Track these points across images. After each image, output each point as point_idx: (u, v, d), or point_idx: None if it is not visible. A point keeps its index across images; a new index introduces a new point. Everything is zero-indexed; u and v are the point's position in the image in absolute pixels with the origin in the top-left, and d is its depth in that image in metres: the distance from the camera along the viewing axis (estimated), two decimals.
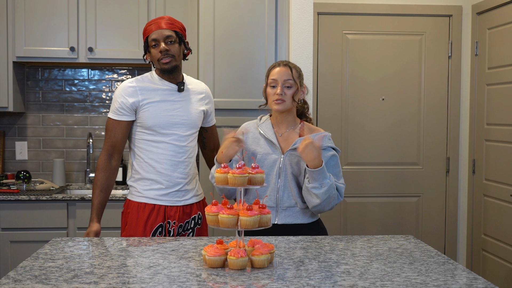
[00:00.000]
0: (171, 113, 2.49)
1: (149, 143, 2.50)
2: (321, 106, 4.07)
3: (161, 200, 2.51)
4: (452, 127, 4.14)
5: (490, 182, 3.83)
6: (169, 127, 2.48)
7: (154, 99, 2.48)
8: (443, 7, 4.09)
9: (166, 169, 2.50)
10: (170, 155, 2.50)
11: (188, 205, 2.57)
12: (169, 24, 2.46)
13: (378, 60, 4.10)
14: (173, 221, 2.52)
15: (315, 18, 3.98)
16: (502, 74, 3.69)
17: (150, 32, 2.45)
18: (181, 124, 2.51)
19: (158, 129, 2.48)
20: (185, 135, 2.53)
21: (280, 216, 2.38)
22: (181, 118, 2.51)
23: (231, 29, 3.41)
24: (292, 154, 2.38)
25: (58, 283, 1.64)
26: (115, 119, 2.49)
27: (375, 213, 4.15)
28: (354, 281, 1.69)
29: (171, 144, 2.50)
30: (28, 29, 3.64)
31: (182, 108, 2.52)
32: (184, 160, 2.53)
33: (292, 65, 2.42)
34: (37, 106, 4.02)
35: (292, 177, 2.37)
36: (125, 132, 2.51)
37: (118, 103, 2.48)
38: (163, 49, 2.42)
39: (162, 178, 2.50)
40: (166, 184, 2.51)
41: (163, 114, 2.47)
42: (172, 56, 2.45)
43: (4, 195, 3.43)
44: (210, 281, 1.69)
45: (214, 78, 3.41)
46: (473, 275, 1.77)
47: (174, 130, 2.50)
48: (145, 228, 2.49)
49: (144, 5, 3.68)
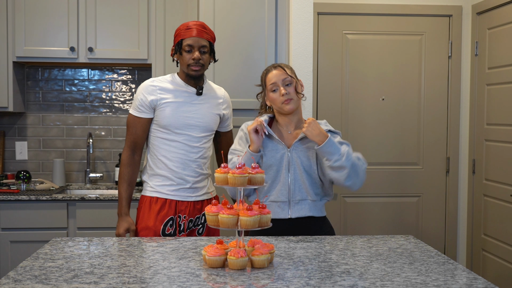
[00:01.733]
0: (187, 114, 2.58)
1: (163, 141, 2.59)
2: (321, 106, 4.07)
3: (172, 195, 2.60)
4: (452, 127, 4.14)
5: (490, 182, 3.83)
6: (183, 128, 2.57)
7: (172, 100, 2.57)
8: (443, 7, 4.10)
9: (177, 167, 2.58)
10: (182, 154, 2.59)
11: (199, 201, 2.65)
12: (206, 33, 2.57)
13: (378, 60, 4.10)
14: (183, 215, 2.60)
15: (315, 18, 3.98)
16: (502, 74, 3.69)
17: (187, 36, 2.54)
18: (196, 126, 2.59)
19: (172, 128, 2.57)
20: (199, 137, 2.61)
21: (293, 210, 2.40)
22: (196, 120, 2.59)
23: (231, 29, 3.41)
24: (298, 147, 2.41)
25: (58, 283, 1.65)
26: (135, 116, 2.61)
27: (375, 213, 4.15)
28: (354, 281, 1.69)
29: (183, 143, 2.58)
30: (28, 29, 3.64)
31: (199, 111, 2.60)
32: (196, 159, 2.61)
33: (283, 65, 2.48)
34: (37, 106, 4.02)
35: (302, 170, 2.40)
36: (145, 129, 2.61)
37: (138, 100, 2.59)
38: (197, 57, 2.52)
39: (173, 175, 2.59)
40: (177, 181, 2.59)
41: (179, 114, 2.56)
42: (202, 65, 2.56)
43: (4, 195, 3.43)
44: (210, 281, 1.69)
45: (214, 78, 3.41)
46: (473, 275, 1.77)
47: (188, 131, 2.58)
48: (156, 219, 2.56)
49: (144, 5, 3.68)
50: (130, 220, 2.59)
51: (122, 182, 2.61)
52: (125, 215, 2.59)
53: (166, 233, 2.57)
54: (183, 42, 2.54)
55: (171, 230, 2.58)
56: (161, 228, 2.56)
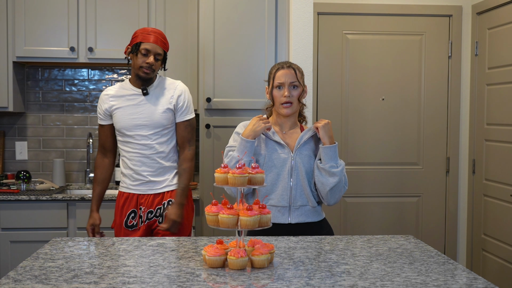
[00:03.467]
0: (134, 116, 2.77)
1: (122, 143, 2.84)
2: (321, 106, 4.07)
3: (134, 190, 2.82)
4: (452, 127, 4.14)
5: (490, 182, 3.83)
6: (132, 129, 2.77)
7: (121, 105, 2.79)
8: (443, 7, 4.09)
9: (135, 164, 2.80)
10: (136, 152, 2.79)
11: (160, 193, 2.82)
12: (163, 43, 2.76)
13: (378, 60, 4.10)
14: (143, 207, 2.80)
15: (315, 18, 3.98)
16: (502, 74, 3.69)
17: (146, 41, 2.71)
18: (144, 125, 2.76)
19: (124, 130, 2.79)
20: (149, 134, 2.77)
21: (293, 215, 2.40)
22: (143, 120, 2.76)
23: (231, 29, 3.41)
24: (302, 152, 2.41)
25: (58, 283, 1.65)
26: (99, 123, 2.90)
27: (375, 213, 4.15)
28: (354, 281, 1.69)
29: (136, 143, 2.78)
30: (28, 29, 3.64)
31: (145, 111, 2.76)
32: (150, 155, 2.78)
33: (295, 66, 2.45)
34: (37, 106, 4.02)
35: (305, 175, 2.40)
36: (107, 134, 2.88)
37: (98, 110, 2.89)
38: (151, 62, 2.70)
39: (133, 172, 2.81)
40: (135, 177, 2.81)
41: (127, 117, 2.77)
42: (153, 70, 2.74)
43: (4, 195, 3.43)
44: (210, 281, 1.69)
45: (214, 78, 3.41)
46: (473, 275, 1.77)
47: (137, 131, 2.77)
48: (121, 213, 2.82)
49: (144, 5, 3.68)
50: (95, 216, 2.87)
51: (93, 183, 2.93)
52: (91, 212, 2.88)
53: (129, 224, 2.81)
54: (141, 45, 2.70)
55: (133, 221, 2.81)
56: (124, 220, 2.81)
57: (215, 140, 3.45)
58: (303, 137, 2.43)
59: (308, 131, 2.45)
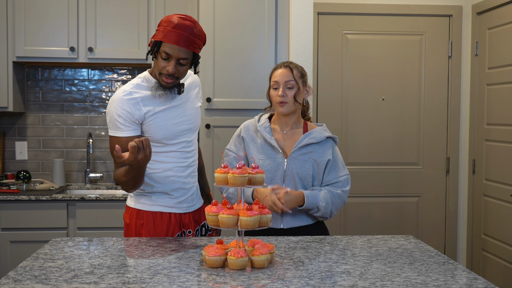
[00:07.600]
0: (177, 120, 2.24)
1: (158, 155, 2.23)
2: (321, 106, 4.07)
3: (176, 208, 2.31)
4: (452, 127, 4.14)
5: (490, 182, 3.83)
6: (177, 136, 2.25)
7: (158, 109, 2.20)
8: (443, 7, 4.10)
9: (179, 177, 2.30)
10: (179, 162, 2.29)
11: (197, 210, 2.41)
12: (191, 44, 2.12)
13: (378, 60, 4.10)
14: (187, 230, 2.35)
15: (315, 18, 3.98)
16: (502, 74, 3.69)
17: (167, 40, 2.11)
18: (188, 130, 2.29)
19: (166, 141, 2.23)
20: (193, 140, 2.35)
21: (285, 220, 2.39)
22: (188, 124, 2.28)
23: (231, 29, 3.41)
24: (295, 157, 2.39)
25: (58, 283, 1.64)
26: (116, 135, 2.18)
27: (375, 213, 4.15)
28: (354, 281, 1.68)
29: (180, 151, 2.28)
30: (28, 29, 3.64)
31: (186, 112, 2.27)
32: (191, 164, 2.35)
33: (294, 66, 2.44)
34: (37, 106, 4.02)
35: (298, 180, 2.38)
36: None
37: (117, 118, 2.16)
38: (171, 71, 2.12)
39: (175, 186, 2.30)
40: (181, 192, 2.31)
41: (169, 123, 2.22)
42: (177, 78, 2.17)
43: (4, 195, 3.43)
44: (210, 281, 1.68)
45: (214, 78, 3.41)
46: (473, 275, 1.77)
47: (182, 138, 2.27)
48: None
49: (144, 5, 3.68)
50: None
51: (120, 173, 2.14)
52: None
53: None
54: (162, 46, 2.12)
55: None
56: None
57: (215, 140, 3.46)
58: (301, 142, 2.40)
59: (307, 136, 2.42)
